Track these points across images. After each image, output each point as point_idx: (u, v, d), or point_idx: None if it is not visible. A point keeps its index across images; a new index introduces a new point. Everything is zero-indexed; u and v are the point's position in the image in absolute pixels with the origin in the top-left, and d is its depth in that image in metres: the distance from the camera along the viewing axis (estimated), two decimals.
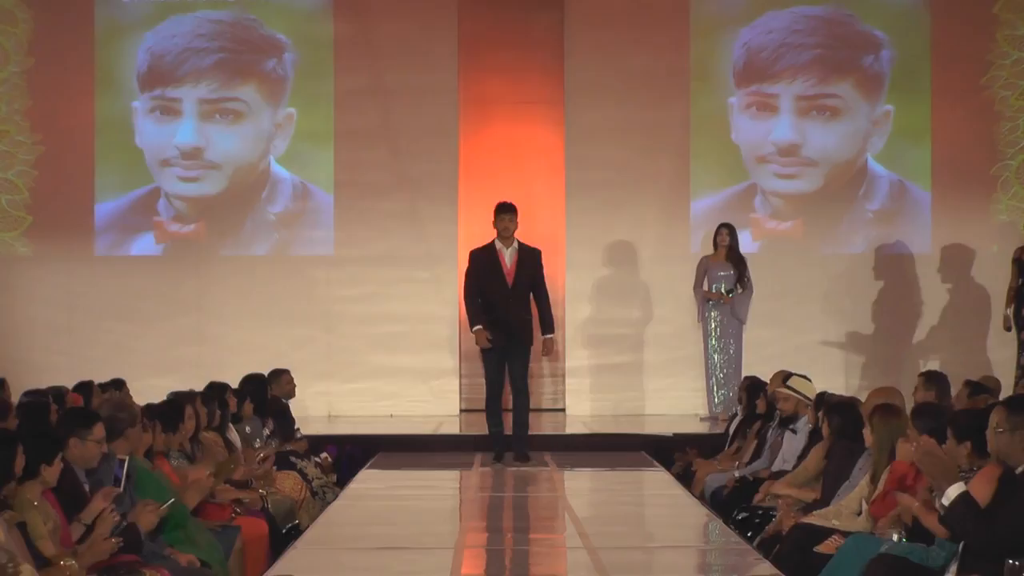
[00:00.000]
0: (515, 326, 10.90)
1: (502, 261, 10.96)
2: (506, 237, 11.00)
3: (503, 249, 10.99)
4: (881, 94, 14.87)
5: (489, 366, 11.07)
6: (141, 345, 14.43)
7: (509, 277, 10.95)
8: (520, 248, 11.05)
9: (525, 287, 11.01)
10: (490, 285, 10.95)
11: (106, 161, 14.85)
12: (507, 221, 10.97)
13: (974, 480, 6.05)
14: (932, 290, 14.79)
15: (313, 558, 7.40)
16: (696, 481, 10.33)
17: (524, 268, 10.99)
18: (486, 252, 11.09)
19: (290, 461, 10.22)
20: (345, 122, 14.86)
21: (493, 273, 10.95)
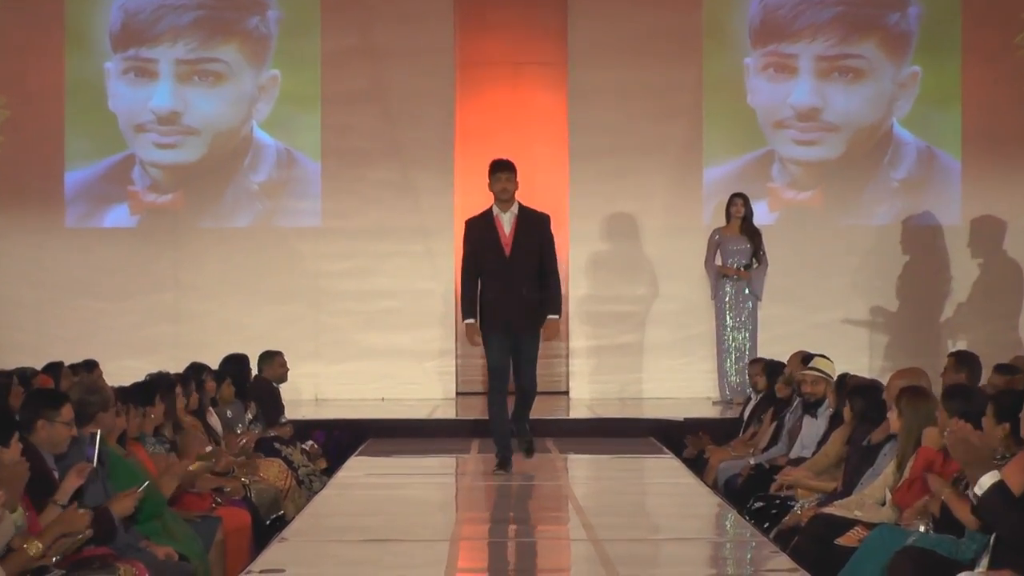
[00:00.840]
0: (517, 307, 9.86)
1: (499, 229, 9.97)
2: (504, 200, 9.98)
3: (501, 215, 9.99)
4: (907, 54, 14.85)
5: (491, 352, 10.03)
6: (114, 323, 14.43)
7: (507, 247, 9.91)
8: (521, 212, 10.05)
9: (528, 259, 9.95)
10: (487, 258, 9.95)
11: (76, 126, 14.83)
12: (504, 181, 9.96)
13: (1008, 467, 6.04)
14: (962, 265, 14.80)
15: (299, 551, 7.40)
16: (708, 469, 10.34)
17: (526, 236, 9.96)
18: (482, 220, 10.09)
19: (274, 447, 10.24)
20: (333, 84, 14.84)
21: (490, 244, 9.94)
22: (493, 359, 10.01)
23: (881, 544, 6.54)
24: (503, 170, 10.00)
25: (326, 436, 11.85)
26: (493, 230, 9.96)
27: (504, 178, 9.95)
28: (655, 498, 9.98)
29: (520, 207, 10.03)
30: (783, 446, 9.66)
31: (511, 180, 9.97)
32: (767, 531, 7.88)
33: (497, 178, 9.97)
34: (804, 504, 8.05)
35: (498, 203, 10.00)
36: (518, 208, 10.03)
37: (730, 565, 7.41)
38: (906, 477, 7.10)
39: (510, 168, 10.03)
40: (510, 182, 9.96)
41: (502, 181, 9.94)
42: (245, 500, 8.65)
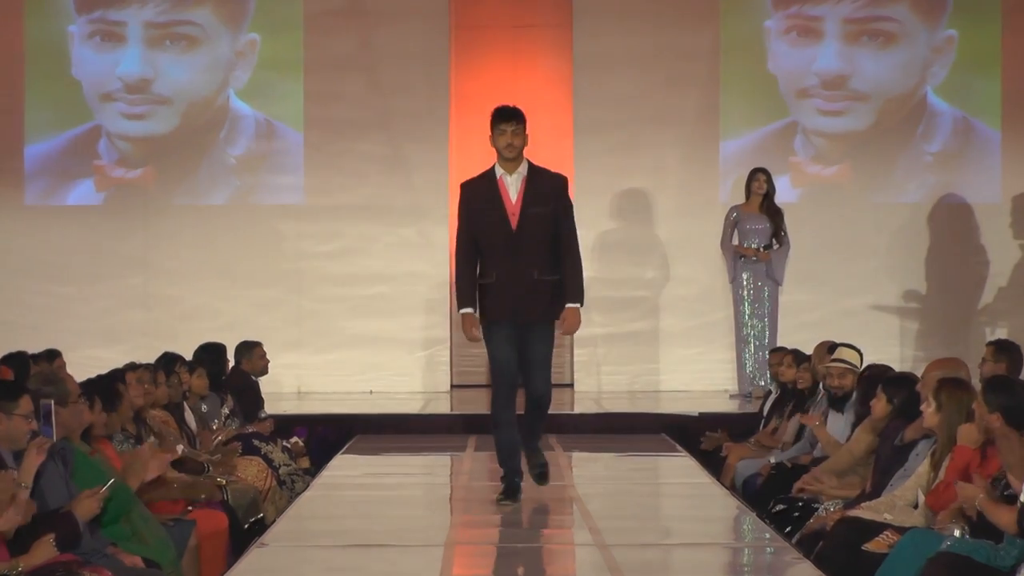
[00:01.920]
0: (525, 292, 8.59)
1: (503, 193, 8.63)
2: (509, 159, 8.64)
3: (505, 176, 8.66)
4: (943, 17, 14.86)
5: (495, 349, 8.73)
6: (79, 310, 14.46)
7: (513, 216, 8.59)
8: (531, 174, 8.72)
9: (539, 231, 8.63)
10: (489, 231, 8.63)
11: (37, 95, 14.85)
12: (510, 135, 8.58)
13: None
14: (1001, 246, 14.82)
15: (280, 557, 7.41)
16: (726, 468, 10.36)
17: (537, 203, 8.61)
18: (482, 183, 8.74)
19: (253, 445, 10.24)
20: (316, 49, 14.86)
21: (492, 213, 8.61)
22: (498, 357, 8.71)
23: (913, 550, 6.57)
24: (508, 120, 8.65)
25: (309, 432, 11.87)
26: (496, 196, 8.63)
27: (510, 130, 8.59)
28: (667, 500, 9.99)
29: (530, 167, 8.72)
30: (806, 444, 9.66)
31: (519, 133, 8.62)
32: (789, 535, 7.91)
33: (501, 130, 8.63)
34: (829, 507, 8.06)
35: (502, 162, 8.68)
36: (527, 168, 8.71)
37: (749, 573, 7.44)
38: (941, 478, 7.11)
39: (518, 117, 8.67)
40: (518, 136, 8.61)
41: (507, 135, 8.59)
42: (222, 502, 8.66)
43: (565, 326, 8.68)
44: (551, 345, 8.78)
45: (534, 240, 8.58)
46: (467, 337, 8.84)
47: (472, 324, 8.64)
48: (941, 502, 6.90)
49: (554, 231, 8.62)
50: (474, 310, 8.63)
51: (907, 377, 8.63)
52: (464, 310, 8.69)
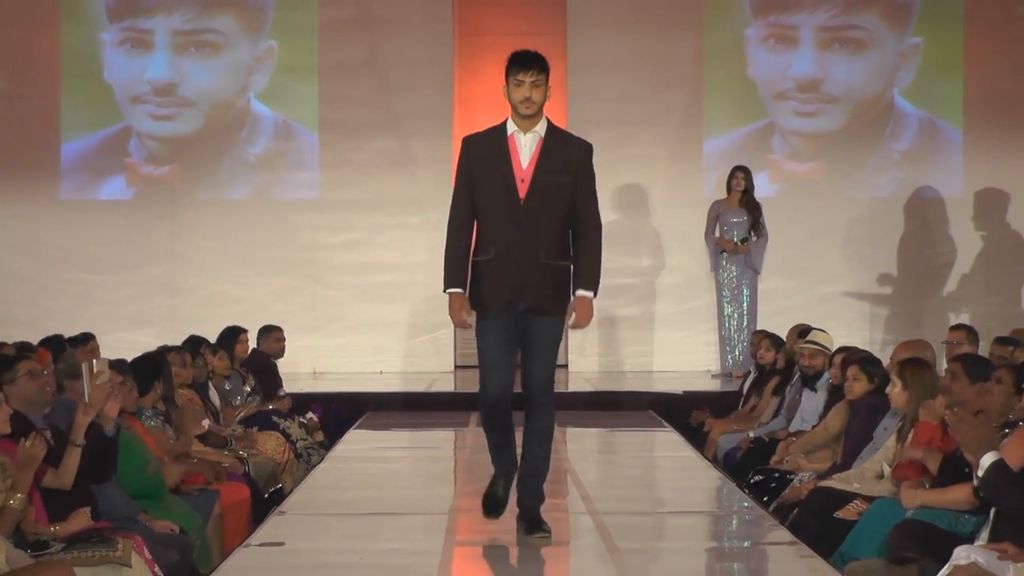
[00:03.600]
0: (531, 275, 6.58)
1: (513, 155, 6.63)
2: (526, 116, 6.62)
3: (519, 135, 6.65)
4: (909, 25, 14.84)
5: (487, 342, 6.69)
6: (111, 296, 14.44)
7: (522, 184, 6.58)
8: (550, 135, 6.74)
9: (553, 204, 6.62)
10: (490, 197, 6.63)
11: (72, 98, 14.81)
12: (528, 87, 6.55)
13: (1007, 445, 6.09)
14: (964, 237, 14.80)
15: (297, 524, 7.42)
16: (708, 442, 10.37)
17: (553, 169, 6.63)
18: (490, 140, 6.74)
19: (272, 421, 10.26)
20: (330, 55, 14.83)
21: (497, 176, 6.62)
22: (489, 352, 6.65)
23: (881, 517, 6.59)
24: (527, 67, 6.60)
25: (324, 409, 11.87)
26: (504, 157, 6.63)
27: (529, 81, 6.56)
28: (655, 471, 10.01)
29: (550, 127, 6.77)
30: (783, 419, 9.69)
31: (540, 85, 6.60)
32: (766, 504, 7.93)
33: (518, 81, 6.58)
34: (803, 477, 8.10)
35: (516, 118, 6.66)
36: (546, 128, 6.74)
37: (729, 539, 7.45)
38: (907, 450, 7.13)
39: (540, 65, 6.64)
40: (538, 88, 6.59)
41: (525, 86, 6.56)
42: (243, 474, 8.69)
43: (575, 318, 6.71)
44: (557, 340, 6.75)
45: (545, 214, 6.59)
46: (455, 322, 6.75)
47: (461, 306, 6.64)
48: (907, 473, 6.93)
49: (570, 207, 6.66)
50: (464, 291, 6.66)
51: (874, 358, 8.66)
52: (452, 290, 6.66)
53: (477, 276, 6.67)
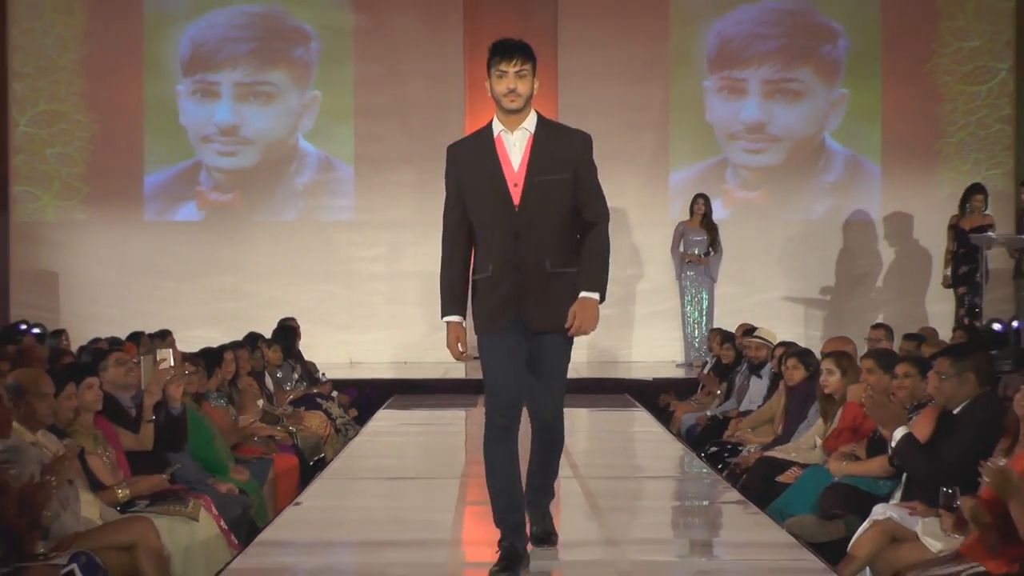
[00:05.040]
0: (534, 289, 4.92)
1: (502, 158, 4.94)
2: (512, 111, 4.91)
3: (505, 134, 4.96)
4: (837, 79, 14.86)
5: (493, 367, 4.98)
6: (185, 300, 14.45)
7: (515, 188, 4.91)
8: (540, 130, 4.97)
9: (551, 207, 4.91)
10: (482, 208, 5.00)
11: (153, 137, 14.84)
12: (512, 77, 4.84)
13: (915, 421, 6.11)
14: (880, 252, 14.85)
15: (336, 487, 7.44)
16: (673, 420, 10.39)
17: (548, 168, 4.89)
18: (475, 144, 5.09)
19: (316, 402, 10.30)
20: (363, 102, 14.84)
21: (487, 184, 4.96)
22: (497, 377, 4.94)
23: (813, 481, 6.60)
24: (510, 56, 4.85)
25: (358, 393, 11.91)
26: (492, 161, 4.94)
27: (513, 71, 4.84)
28: (629, 443, 10.01)
29: (540, 120, 4.99)
30: (733, 401, 9.71)
31: (525, 76, 4.86)
32: (720, 471, 7.92)
33: (500, 72, 4.86)
34: (750, 449, 8.12)
35: (501, 115, 4.96)
36: (536, 122, 4.97)
37: (690, 498, 7.45)
38: (835, 426, 7.14)
39: (523, 53, 4.86)
40: (523, 79, 4.85)
41: (508, 77, 4.84)
42: (293, 446, 8.72)
43: (577, 321, 4.87)
44: (566, 360, 5.10)
45: (544, 219, 4.88)
46: (453, 355, 5.11)
47: (458, 337, 5.04)
48: (834, 445, 6.94)
49: (572, 206, 4.92)
50: (462, 317, 5.07)
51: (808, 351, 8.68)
52: (448, 318, 5.06)
53: (477, 296, 5.03)
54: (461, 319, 4.98)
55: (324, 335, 13.56)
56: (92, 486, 5.71)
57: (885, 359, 7.00)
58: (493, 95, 4.94)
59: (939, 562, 5.15)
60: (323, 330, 13.63)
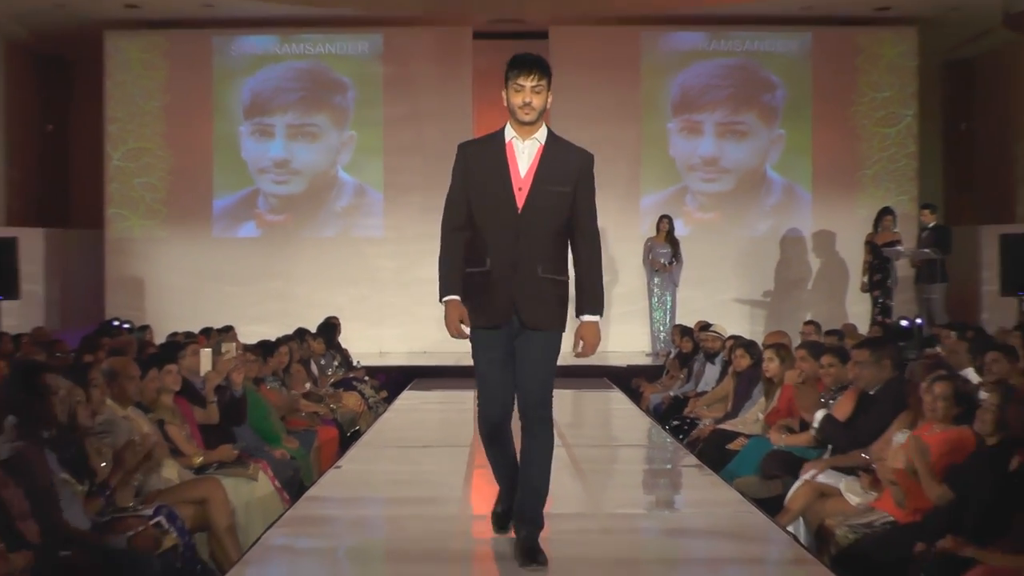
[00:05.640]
0: (526, 290, 4.43)
1: (511, 163, 4.46)
2: (525, 123, 4.45)
3: (517, 143, 4.49)
4: (776, 122, 14.88)
5: (482, 360, 4.52)
6: (245, 301, 14.44)
7: (520, 193, 4.43)
8: (550, 144, 4.54)
9: (550, 216, 4.47)
10: (487, 207, 4.46)
11: (220, 169, 14.85)
12: (528, 92, 4.39)
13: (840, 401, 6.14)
14: (811, 262, 14.85)
15: (369, 453, 7.48)
16: (643, 399, 10.42)
17: (552, 180, 4.47)
18: (487, 147, 4.55)
19: (352, 384, 10.32)
20: (391, 140, 14.85)
21: (494, 185, 4.45)
22: (488, 373, 4.49)
23: (756, 449, 6.64)
24: (528, 71, 4.38)
25: (386, 377, 11.94)
26: (501, 165, 4.44)
27: (530, 86, 4.37)
28: (607, 418, 10.03)
29: (550, 134, 4.54)
30: (692, 384, 9.74)
31: (541, 92, 4.40)
32: (681, 440, 7.96)
33: (518, 86, 4.38)
34: (705, 422, 8.14)
35: (514, 124, 4.46)
36: (546, 136, 4.52)
37: (656, 463, 7.48)
38: (774, 405, 7.17)
39: (541, 69, 4.40)
40: (539, 94, 4.39)
41: (525, 91, 4.38)
42: (333, 420, 8.75)
43: (584, 348, 4.62)
44: (553, 355, 4.56)
45: (542, 227, 4.41)
46: (452, 332, 4.42)
47: (458, 315, 4.39)
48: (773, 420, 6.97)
49: (567, 218, 4.49)
50: (460, 298, 4.43)
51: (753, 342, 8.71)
52: (448, 297, 4.42)
53: (472, 289, 4.41)
54: (459, 299, 4.39)
55: (358, 330, 13.55)
56: (172, 453, 5.74)
57: (814, 349, 7.05)
58: (509, 106, 4.40)
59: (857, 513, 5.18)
60: (358, 326, 13.62)
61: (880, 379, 5.96)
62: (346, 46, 14.94)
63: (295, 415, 8.17)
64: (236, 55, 14.88)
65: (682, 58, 14.92)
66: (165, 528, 4.68)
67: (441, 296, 4.42)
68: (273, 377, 8.33)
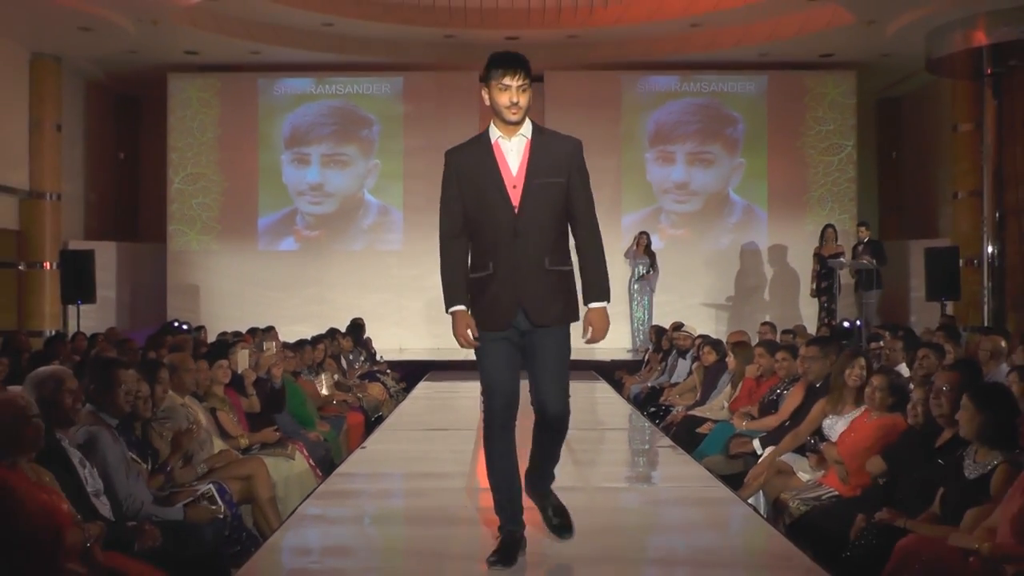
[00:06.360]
0: (533, 287, 3.73)
1: (501, 164, 3.75)
2: (510, 122, 3.70)
3: (503, 141, 3.76)
4: (737, 151, 14.87)
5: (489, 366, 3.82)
6: (285, 305, 14.45)
7: (514, 191, 3.72)
8: (536, 138, 3.76)
9: (548, 209, 3.73)
10: (483, 211, 3.78)
11: (265, 192, 14.84)
12: (515, 91, 3.64)
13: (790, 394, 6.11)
14: (766, 271, 14.84)
15: (391, 435, 7.44)
16: (624, 389, 10.40)
17: (544, 171, 3.72)
18: (474, 150, 3.84)
19: (376, 376, 10.31)
20: (410, 167, 14.84)
21: (487, 188, 3.76)
22: (494, 376, 3.81)
23: (722, 433, 6.62)
24: (514, 70, 3.66)
25: (406, 370, 11.91)
26: (491, 166, 3.77)
27: (515, 85, 3.66)
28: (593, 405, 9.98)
29: (535, 128, 3.80)
30: (666, 376, 9.71)
31: (526, 90, 3.69)
32: (657, 425, 7.94)
33: (503, 86, 3.67)
34: (678, 409, 8.12)
35: (499, 125, 3.76)
36: (532, 130, 3.78)
37: (636, 443, 7.46)
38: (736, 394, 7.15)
39: (525, 69, 3.69)
40: (524, 93, 3.68)
41: (511, 91, 3.66)
42: (360, 408, 8.73)
43: (592, 333, 3.85)
44: (567, 353, 3.87)
45: (542, 220, 3.72)
46: (461, 342, 3.83)
47: (467, 324, 3.78)
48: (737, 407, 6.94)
49: (565, 208, 3.78)
50: (466, 308, 3.82)
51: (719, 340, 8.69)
52: (455, 308, 3.82)
53: (477, 294, 3.79)
54: (466, 309, 3.75)
55: (382, 329, 13.53)
56: (222, 435, 5.72)
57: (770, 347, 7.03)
58: (493, 106, 3.68)
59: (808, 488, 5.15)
60: (381, 326, 13.60)
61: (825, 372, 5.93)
62: (371, 87, 14.93)
63: (327, 403, 8.15)
64: (278, 94, 14.87)
65: (657, 98, 14.90)
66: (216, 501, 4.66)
67: (447, 307, 3.79)
68: (309, 370, 8.32)
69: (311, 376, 8.29)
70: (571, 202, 3.74)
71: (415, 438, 7.33)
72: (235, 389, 6.26)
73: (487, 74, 3.66)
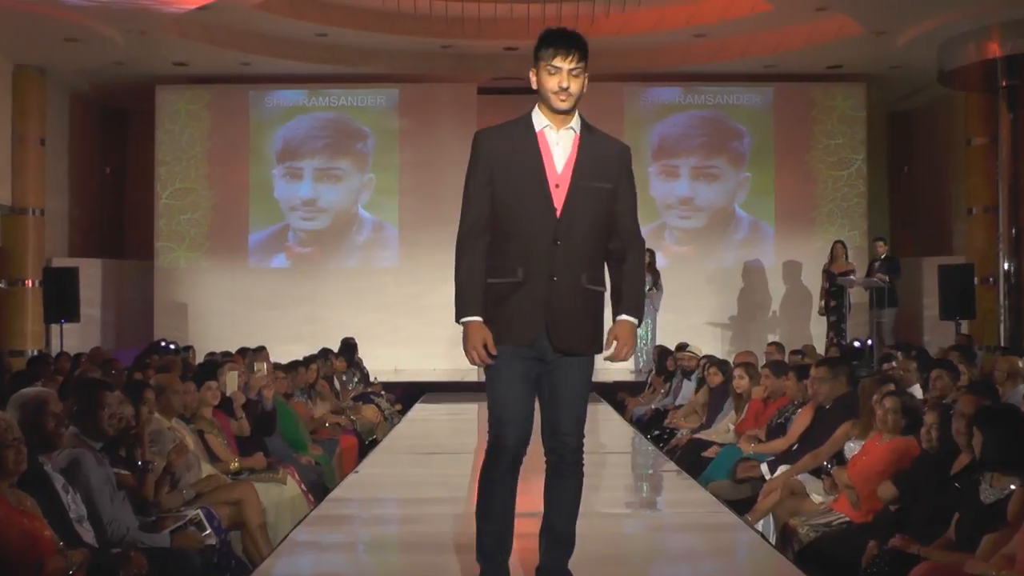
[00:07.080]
0: (566, 306, 3.21)
1: (545, 156, 3.21)
2: (558, 111, 3.20)
3: (549, 130, 3.24)
4: (743, 165, 14.91)
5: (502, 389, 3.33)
6: (276, 324, 14.42)
7: (558, 191, 3.19)
8: (586, 133, 3.31)
9: (593, 217, 3.24)
10: (519, 207, 3.19)
11: (256, 207, 14.86)
12: (566, 75, 3.15)
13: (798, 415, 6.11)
14: (775, 289, 14.83)
15: (385, 459, 7.44)
16: (627, 411, 10.38)
17: (594, 174, 3.24)
18: (514, 134, 3.26)
19: (370, 397, 10.29)
20: (406, 182, 14.88)
21: (527, 181, 3.19)
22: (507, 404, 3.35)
23: (728, 456, 6.61)
24: (567, 50, 3.15)
25: (401, 391, 11.89)
26: (534, 158, 3.22)
27: (567, 69, 3.16)
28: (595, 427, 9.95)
29: (583, 122, 3.35)
30: (671, 397, 9.69)
31: (579, 74, 3.19)
32: (661, 448, 7.92)
33: (554, 67, 3.16)
34: (683, 432, 8.11)
35: (545, 112, 3.26)
36: (580, 124, 3.33)
37: (639, 468, 7.44)
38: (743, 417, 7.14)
39: (581, 50, 3.17)
40: (577, 79, 3.19)
41: (562, 74, 3.16)
42: (353, 430, 8.71)
43: (616, 347, 3.31)
44: (589, 382, 3.44)
45: (585, 228, 3.26)
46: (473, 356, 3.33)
47: (483, 337, 3.26)
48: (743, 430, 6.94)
49: (608, 219, 3.33)
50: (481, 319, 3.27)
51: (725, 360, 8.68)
52: (467, 319, 3.28)
53: (497, 302, 3.24)
54: (482, 320, 3.24)
55: (376, 349, 13.51)
56: (210, 459, 5.71)
57: (777, 368, 7.03)
58: (540, 89, 3.20)
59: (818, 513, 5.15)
60: (375, 346, 13.57)
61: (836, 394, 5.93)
62: (366, 99, 14.98)
63: (320, 425, 8.13)
64: (270, 107, 14.91)
65: (661, 110, 14.95)
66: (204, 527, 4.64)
67: (459, 316, 3.23)
68: (301, 392, 8.30)
69: (304, 398, 8.28)
70: (616, 214, 3.31)
71: (410, 462, 7.32)
72: (224, 412, 6.25)
73: (536, 53, 3.19)
